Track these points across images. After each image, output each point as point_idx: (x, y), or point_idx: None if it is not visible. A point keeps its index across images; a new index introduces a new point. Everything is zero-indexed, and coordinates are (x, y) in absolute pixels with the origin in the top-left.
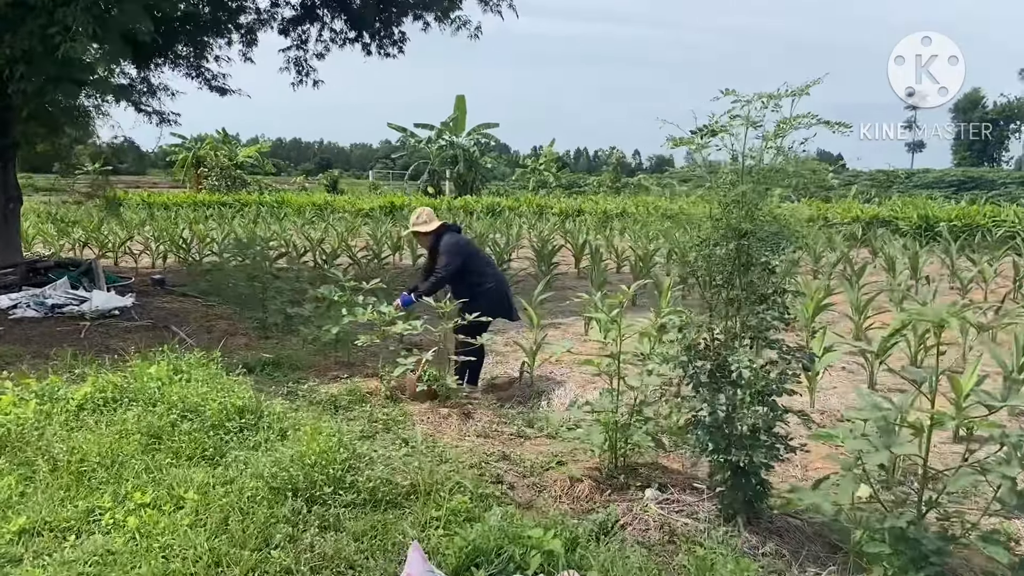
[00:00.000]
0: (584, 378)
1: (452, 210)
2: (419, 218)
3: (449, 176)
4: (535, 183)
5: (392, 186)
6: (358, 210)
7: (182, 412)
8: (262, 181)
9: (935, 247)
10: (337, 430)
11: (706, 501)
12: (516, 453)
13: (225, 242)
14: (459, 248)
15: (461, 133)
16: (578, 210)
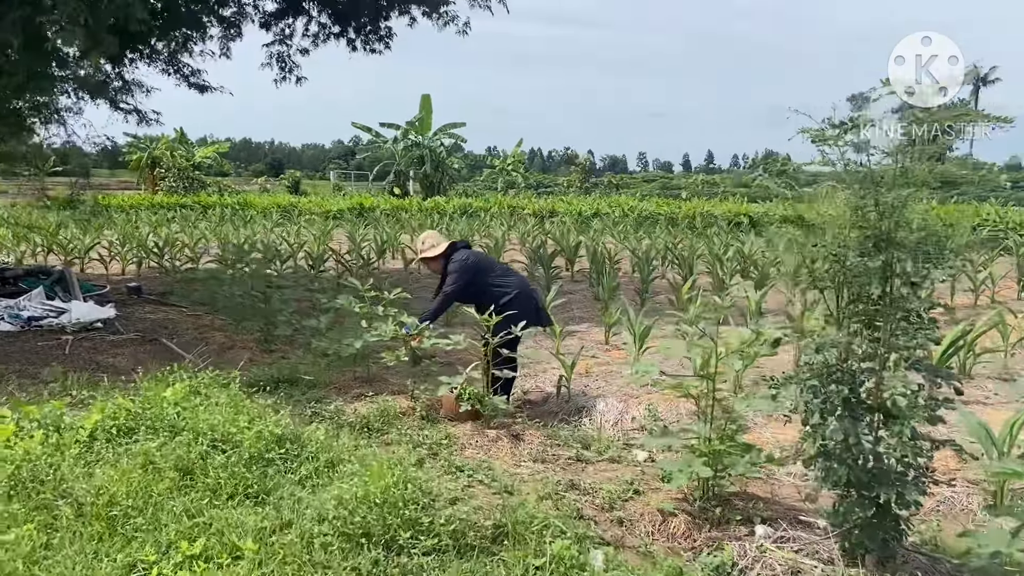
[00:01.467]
0: (623, 391)
1: (423, 211)
2: (424, 243)
3: (414, 177)
4: (503, 184)
5: (355, 187)
6: (326, 212)
7: (212, 442)
8: (221, 182)
9: None
10: (399, 462)
11: (824, 538)
12: (583, 481)
13: (200, 247)
14: (465, 265)
15: (427, 133)
16: (551, 211)
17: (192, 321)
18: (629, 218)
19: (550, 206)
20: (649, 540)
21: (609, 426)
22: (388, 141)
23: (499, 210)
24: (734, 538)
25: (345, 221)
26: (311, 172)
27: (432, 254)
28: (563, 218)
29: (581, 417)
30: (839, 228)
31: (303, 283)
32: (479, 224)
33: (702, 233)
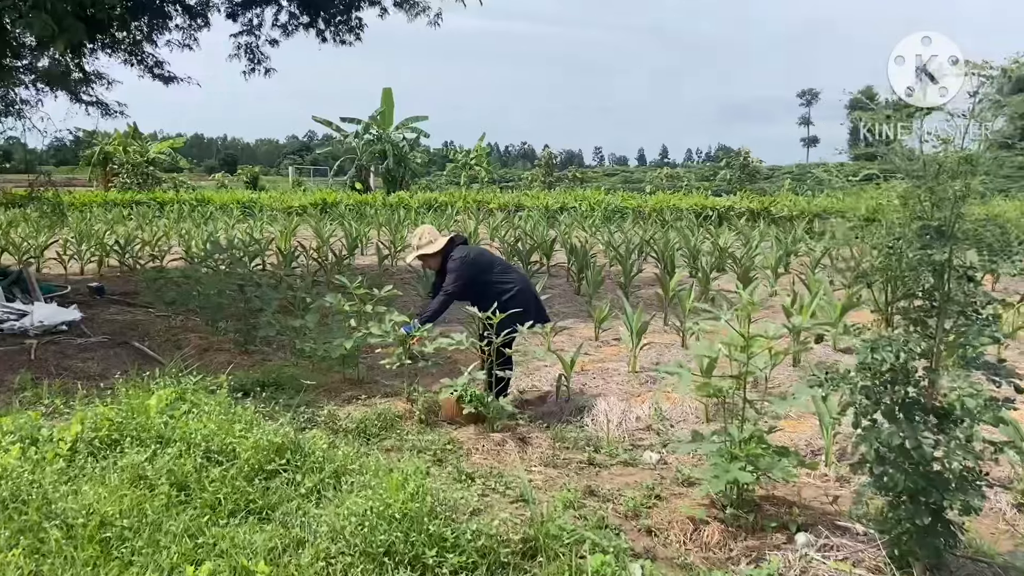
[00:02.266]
0: (623, 389)
1: (387, 206)
2: (422, 239)
3: (376, 171)
4: (466, 178)
5: (315, 182)
6: (288, 207)
7: (206, 453)
8: (177, 178)
9: None
10: (415, 472)
11: (870, 545)
12: (601, 487)
13: (163, 244)
14: (466, 262)
15: (389, 127)
16: (517, 205)
17: (162, 322)
18: (597, 212)
19: (516, 200)
20: (683, 551)
21: (613, 426)
22: (349, 135)
23: (464, 205)
24: (772, 547)
25: (309, 217)
26: (266, 168)
27: (431, 250)
28: (530, 212)
29: (583, 417)
30: (896, 220)
31: (280, 281)
32: (446, 219)
33: (672, 226)
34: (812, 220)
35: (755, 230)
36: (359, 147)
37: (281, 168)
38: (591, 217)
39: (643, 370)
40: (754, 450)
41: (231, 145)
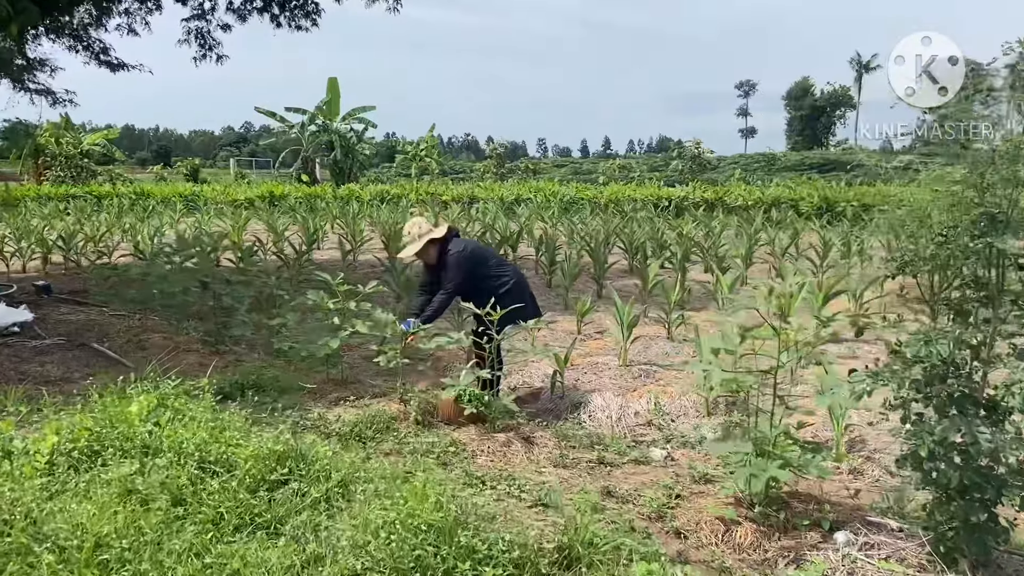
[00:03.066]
0: (616, 384)
1: (338, 199)
2: (422, 228)
3: (322, 163)
4: (416, 170)
5: (258, 175)
6: (233, 201)
7: (200, 464)
8: (113, 171)
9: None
10: (431, 480)
11: (904, 540)
12: (618, 488)
13: (103, 238)
14: (463, 257)
15: (336, 118)
16: (471, 197)
17: (120, 322)
18: (554, 203)
19: (469, 192)
20: (717, 553)
21: (612, 422)
22: (294, 126)
23: (417, 197)
24: (809, 547)
25: (257, 210)
26: (203, 160)
27: (437, 235)
28: (486, 204)
29: (579, 414)
30: (948, 208)
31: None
32: (400, 212)
33: (632, 217)
34: (768, 209)
35: (715, 220)
36: (305, 138)
37: (218, 160)
38: (549, 208)
39: (634, 364)
40: (789, 447)
41: (164, 136)
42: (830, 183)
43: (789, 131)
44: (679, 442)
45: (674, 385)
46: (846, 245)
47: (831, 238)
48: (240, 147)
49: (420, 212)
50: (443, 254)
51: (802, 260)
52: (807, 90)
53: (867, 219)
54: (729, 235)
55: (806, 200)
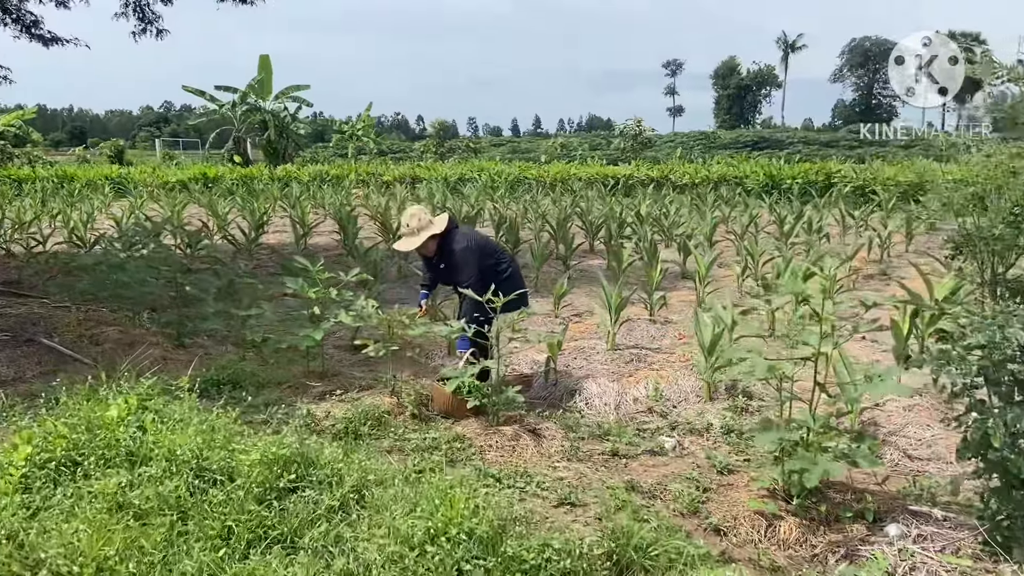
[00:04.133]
0: (608, 369)
1: (275, 180)
2: (421, 220)
3: (254, 143)
4: (354, 150)
5: (187, 156)
6: (164, 183)
7: (196, 472)
8: (31, 153)
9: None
10: (458, 482)
11: (954, 530)
12: (642, 482)
13: (32, 224)
14: (471, 252)
15: (268, 97)
16: (413, 177)
17: (66, 315)
18: (500, 183)
19: (411, 172)
20: (764, 551)
21: (612, 410)
22: (224, 105)
23: (356, 178)
24: (857, 540)
25: (192, 193)
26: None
27: (438, 230)
28: (429, 184)
29: (576, 401)
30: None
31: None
32: (344, 194)
33: (582, 196)
34: (715, 187)
35: (666, 198)
36: (236, 117)
37: (138, 141)
38: (497, 188)
39: (621, 347)
40: (834, 436)
41: (79, 117)
42: (770, 160)
43: (717, 109)
44: (685, 429)
45: (668, 369)
46: (808, 223)
47: (786, 215)
48: (161, 127)
49: (368, 192)
50: (447, 248)
51: (768, 239)
52: (734, 69)
53: (815, 196)
54: (683, 213)
55: (751, 178)
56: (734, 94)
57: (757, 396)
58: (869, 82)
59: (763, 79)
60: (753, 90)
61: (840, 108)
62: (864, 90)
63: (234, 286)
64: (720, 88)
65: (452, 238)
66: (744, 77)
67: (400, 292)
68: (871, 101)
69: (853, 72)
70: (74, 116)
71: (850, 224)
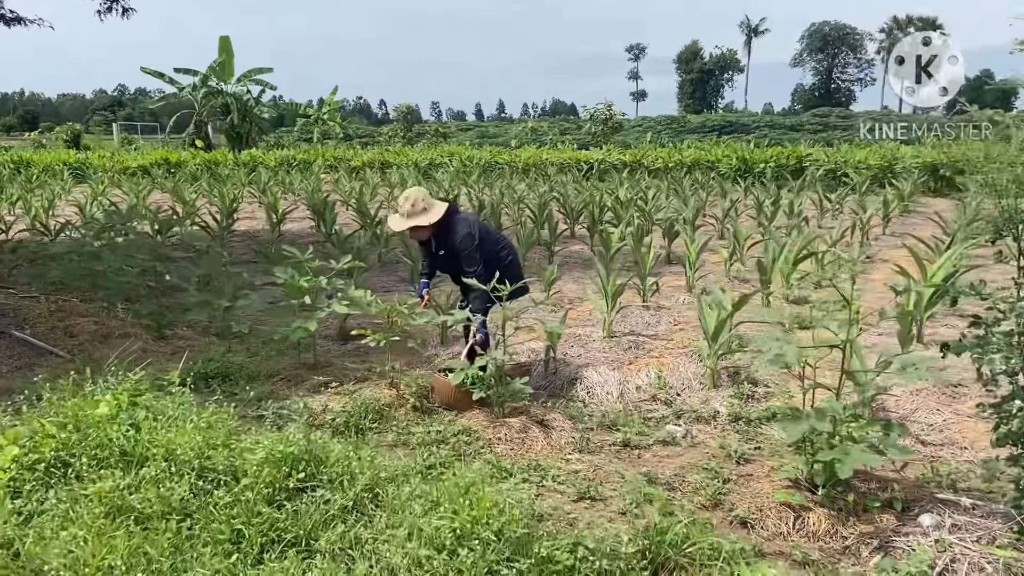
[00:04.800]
0: (607, 356)
1: (241, 165)
2: (416, 205)
3: (215, 128)
4: (319, 134)
5: (146, 140)
6: (124, 168)
7: (199, 472)
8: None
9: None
10: (478, 479)
11: (987, 519)
12: (659, 473)
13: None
14: (474, 239)
15: (230, 79)
16: (383, 162)
17: (35, 306)
18: (471, 168)
19: (380, 157)
20: (794, 544)
21: (615, 399)
22: (184, 88)
23: (324, 163)
24: (890, 531)
25: (154, 179)
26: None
27: (431, 220)
28: (399, 170)
29: (577, 390)
30: None
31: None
32: (314, 179)
33: (558, 181)
34: (689, 171)
35: (641, 183)
36: (197, 101)
37: (92, 125)
38: (470, 173)
39: (617, 334)
40: (869, 428)
41: (30, 101)
42: (741, 144)
43: (681, 94)
44: (692, 417)
45: (668, 356)
46: (790, 206)
47: (764, 199)
48: (115, 111)
49: (338, 177)
50: (447, 234)
51: (748, 223)
52: (696, 53)
53: (789, 179)
54: (661, 198)
55: (724, 162)
56: (697, 78)
57: (762, 383)
58: (828, 66)
59: (725, 63)
60: (716, 74)
61: (800, 92)
62: (823, 74)
63: (213, 275)
64: (683, 72)
65: (454, 224)
66: (707, 61)
67: (382, 280)
68: (830, 85)
69: (812, 57)
70: (25, 100)
71: (827, 207)
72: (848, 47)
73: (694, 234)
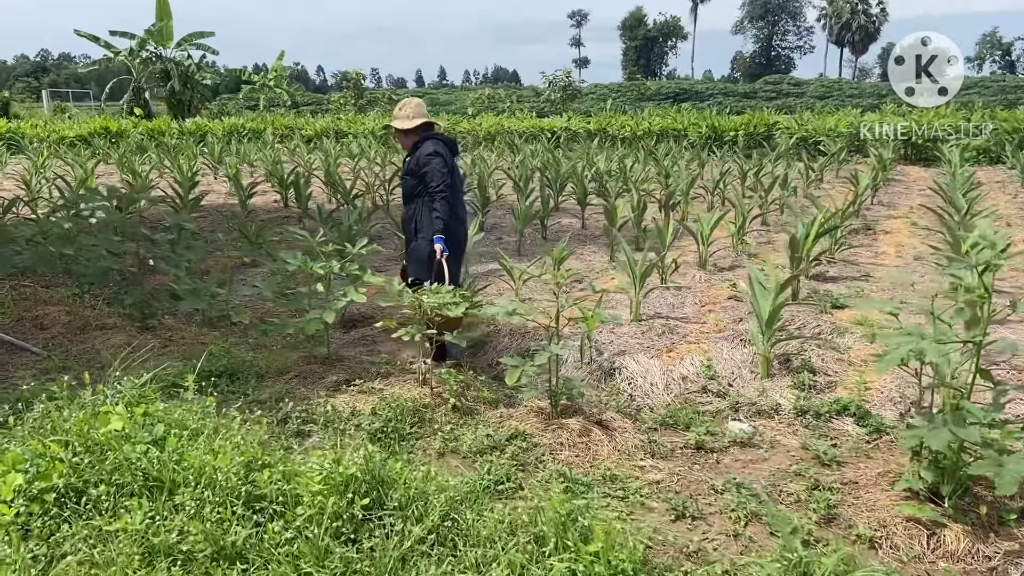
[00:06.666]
0: (640, 343)
1: (187, 134)
2: (403, 110)
3: (153, 95)
4: (265, 102)
5: (79, 108)
6: (61, 139)
7: (247, 501)
8: None
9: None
10: (583, 506)
11: None
12: (749, 482)
13: None
14: (442, 156)
15: (170, 44)
16: (338, 131)
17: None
18: None
19: (333, 126)
20: (937, 565)
21: (660, 391)
22: (121, 52)
23: (274, 132)
24: None
25: (95, 149)
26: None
27: (400, 125)
28: (357, 139)
29: (617, 381)
30: None
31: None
32: (270, 150)
33: (522, 150)
34: (657, 140)
35: (611, 151)
36: (134, 67)
37: (14, 92)
38: None
39: (645, 317)
40: (1011, 434)
41: None
42: (708, 112)
43: (625, 61)
44: (751, 410)
45: (706, 342)
46: (784, 178)
47: (747, 169)
48: (39, 77)
49: (293, 146)
50: (420, 149)
51: (736, 193)
52: (640, 20)
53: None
54: (637, 168)
55: (692, 130)
56: (641, 45)
57: (821, 371)
58: (769, 34)
59: (669, 30)
60: (659, 41)
61: (739, 60)
62: (763, 42)
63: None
64: (627, 39)
65: (426, 142)
66: (651, 28)
67: (372, 259)
68: (771, 53)
69: (754, 24)
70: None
71: (811, 177)
72: (788, 15)
73: (687, 207)
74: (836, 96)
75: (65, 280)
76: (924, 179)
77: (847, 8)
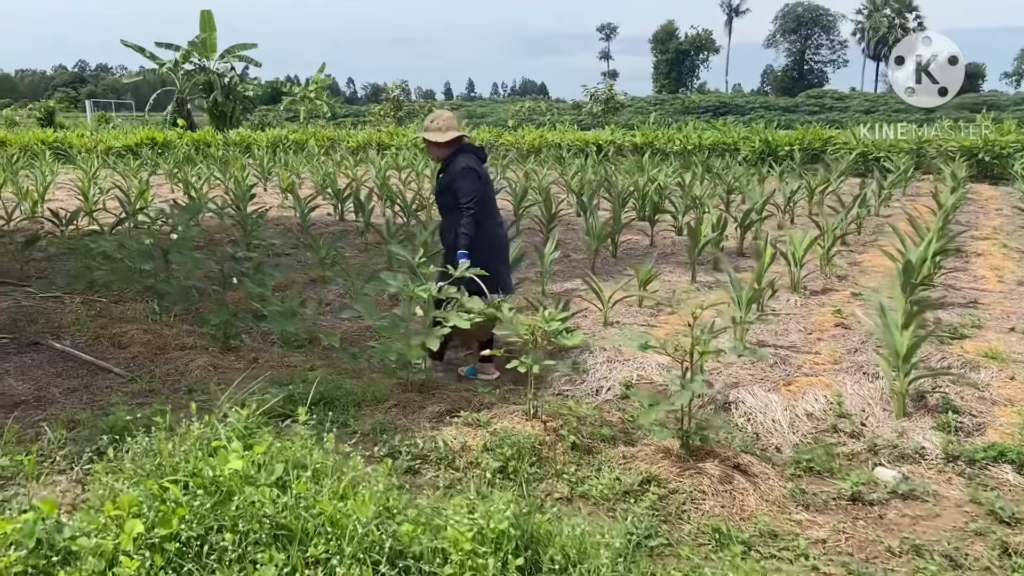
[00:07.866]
0: (752, 375)
1: (232, 145)
2: (434, 122)
3: (196, 106)
4: (306, 114)
5: (123, 119)
6: (108, 149)
7: (390, 558)
8: None
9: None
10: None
11: None
12: (925, 545)
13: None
14: (475, 171)
15: (213, 56)
16: (379, 143)
17: (60, 308)
18: None
19: (375, 138)
20: None
21: (785, 429)
22: (165, 64)
23: (316, 143)
24: None
25: (144, 161)
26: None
27: (432, 138)
28: (400, 152)
29: (734, 417)
30: None
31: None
32: (317, 161)
33: (569, 163)
34: (709, 155)
35: (669, 167)
36: (178, 78)
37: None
38: None
39: (750, 346)
40: None
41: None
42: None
43: (656, 74)
44: (892, 454)
45: (825, 375)
46: (864, 198)
47: (817, 186)
48: (77, 88)
49: (334, 158)
50: (451, 162)
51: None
52: (672, 33)
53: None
54: (695, 184)
55: (745, 144)
56: (673, 59)
57: (964, 411)
58: (801, 48)
59: (701, 44)
60: (691, 55)
61: (770, 74)
62: (796, 56)
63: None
64: (659, 53)
65: (459, 156)
66: (683, 42)
67: None
68: (803, 67)
69: (786, 38)
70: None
71: (884, 194)
72: (821, 28)
73: (762, 225)
74: (882, 111)
75: (135, 295)
76: (996, 197)
77: (884, 22)
